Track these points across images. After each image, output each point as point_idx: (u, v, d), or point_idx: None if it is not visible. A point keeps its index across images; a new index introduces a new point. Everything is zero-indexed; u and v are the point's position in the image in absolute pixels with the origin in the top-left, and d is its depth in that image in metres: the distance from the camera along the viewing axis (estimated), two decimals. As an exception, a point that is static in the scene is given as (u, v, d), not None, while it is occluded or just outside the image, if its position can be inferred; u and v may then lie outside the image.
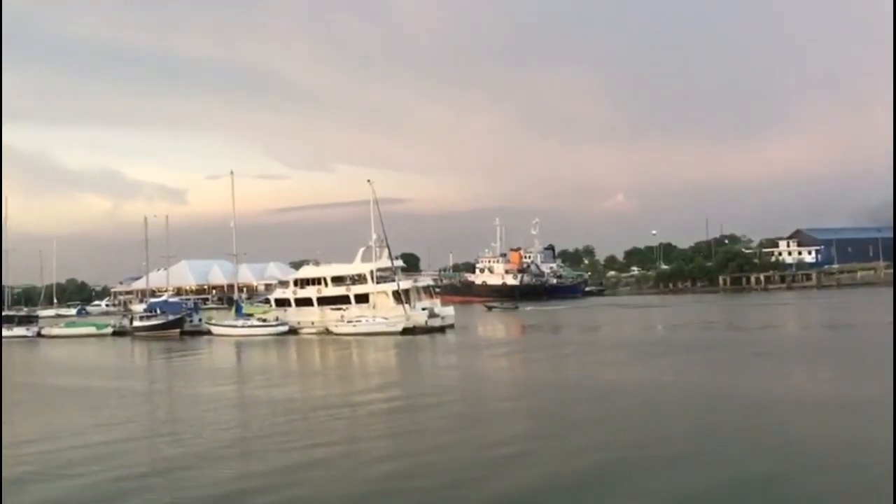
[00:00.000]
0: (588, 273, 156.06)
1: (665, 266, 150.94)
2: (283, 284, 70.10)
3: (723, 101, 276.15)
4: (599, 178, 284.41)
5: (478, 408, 23.11)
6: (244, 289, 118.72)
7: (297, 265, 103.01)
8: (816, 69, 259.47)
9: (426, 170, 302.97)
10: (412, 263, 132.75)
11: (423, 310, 58.49)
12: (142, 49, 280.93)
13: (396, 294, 59.19)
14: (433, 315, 58.14)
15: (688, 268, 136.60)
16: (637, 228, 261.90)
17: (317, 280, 64.18)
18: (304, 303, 63.24)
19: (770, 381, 25.54)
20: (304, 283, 64.79)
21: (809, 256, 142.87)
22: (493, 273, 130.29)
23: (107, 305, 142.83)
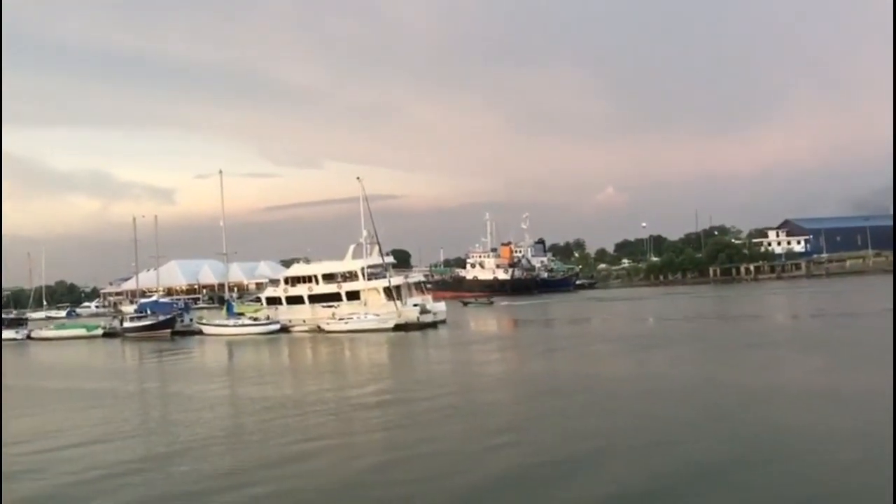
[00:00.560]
0: (579, 266, 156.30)
1: (655, 258, 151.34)
2: (274, 283, 69.94)
3: (711, 94, 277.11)
4: (589, 172, 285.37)
5: (468, 402, 23.15)
6: (235, 288, 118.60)
7: (288, 263, 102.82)
8: (803, 61, 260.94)
9: (416, 166, 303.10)
10: (403, 260, 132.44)
11: (415, 306, 58.47)
12: (130, 50, 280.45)
13: (388, 290, 59.15)
14: (425, 311, 58.10)
15: (678, 259, 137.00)
16: (627, 221, 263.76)
17: (308, 278, 64.08)
18: (296, 301, 63.15)
19: (760, 372, 25.72)
20: (295, 281, 64.68)
21: (798, 246, 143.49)
22: (485, 268, 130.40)
23: (97, 307, 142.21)
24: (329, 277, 63.14)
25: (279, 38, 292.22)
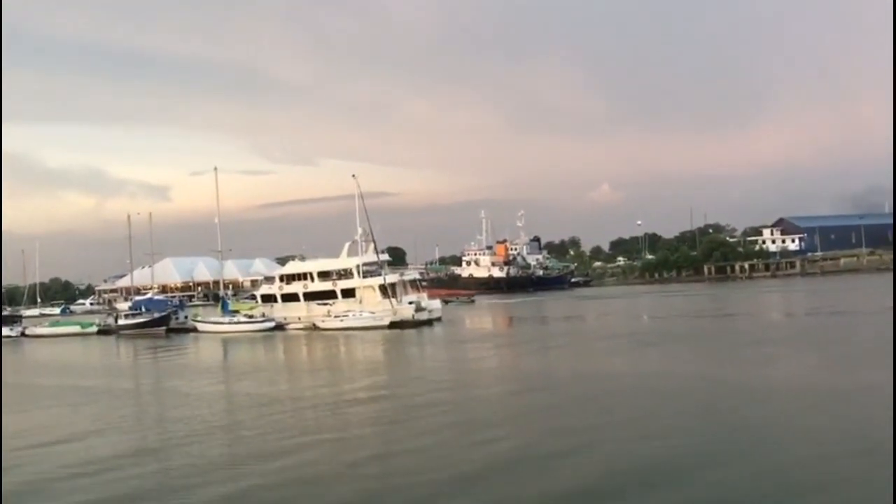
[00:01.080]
0: (574, 264, 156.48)
1: (650, 256, 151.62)
2: (269, 280, 69.78)
3: (707, 92, 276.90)
4: (585, 170, 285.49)
5: (462, 398, 23.21)
6: (230, 285, 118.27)
7: (283, 261, 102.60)
8: (799, 59, 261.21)
9: (412, 163, 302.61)
10: (398, 257, 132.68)
11: (410, 303, 58.49)
12: (124, 47, 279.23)
13: (383, 288, 59.19)
14: (420, 309, 58.15)
15: (673, 257, 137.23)
16: (622, 219, 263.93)
17: (303, 275, 64.08)
18: (291, 298, 63.12)
19: (753, 369, 25.88)
20: (290, 279, 64.66)
21: (793, 244, 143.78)
22: (480, 266, 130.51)
23: (91, 304, 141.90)
24: (324, 275, 63.14)
25: (274, 35, 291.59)
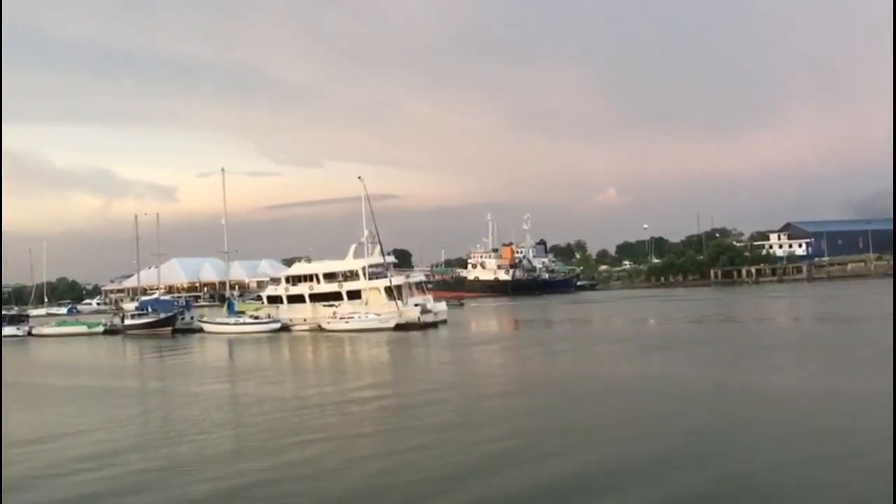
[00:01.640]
0: (580, 267, 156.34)
1: (656, 260, 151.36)
2: (275, 281, 69.95)
3: (713, 96, 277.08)
4: (591, 173, 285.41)
5: (469, 402, 23.20)
6: (236, 286, 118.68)
7: (289, 262, 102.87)
8: (806, 63, 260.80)
9: (418, 166, 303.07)
10: (404, 259, 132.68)
11: (416, 306, 58.52)
12: (132, 48, 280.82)
13: (388, 290, 59.20)
14: (425, 311, 58.15)
15: (679, 261, 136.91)
16: (628, 223, 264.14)
17: (309, 277, 64.13)
18: (297, 300, 63.20)
19: (759, 374, 25.78)
20: (296, 280, 64.73)
21: (800, 249, 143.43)
22: (486, 268, 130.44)
23: (98, 304, 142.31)
24: (330, 276, 63.19)
25: (278, 37, 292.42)
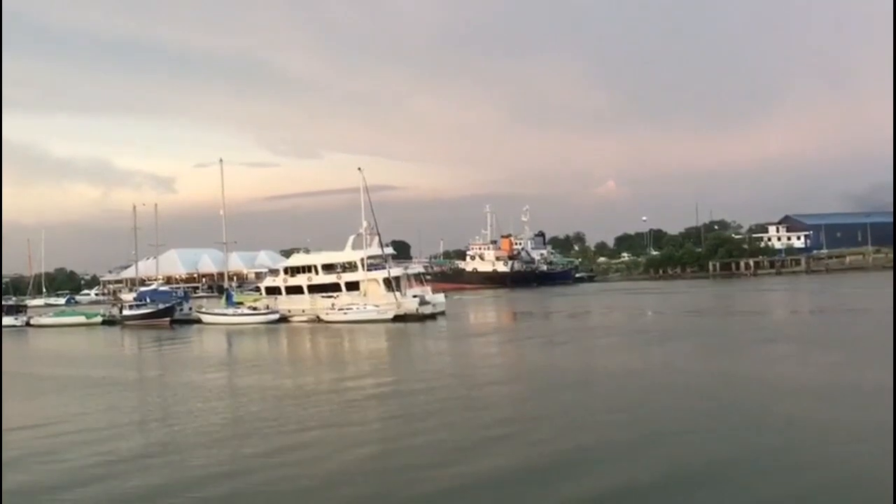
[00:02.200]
0: (578, 259, 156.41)
1: (655, 252, 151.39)
2: (274, 273, 69.96)
3: (712, 89, 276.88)
4: (590, 165, 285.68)
5: (464, 392, 23.21)
6: (234, 277, 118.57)
7: (288, 253, 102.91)
8: (805, 56, 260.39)
9: (417, 157, 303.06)
10: (403, 251, 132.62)
11: (414, 297, 58.53)
12: (130, 37, 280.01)
13: (387, 281, 59.19)
14: (424, 303, 58.19)
15: (678, 254, 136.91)
16: (627, 215, 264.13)
17: (307, 268, 64.11)
18: (295, 291, 63.21)
19: (757, 366, 25.83)
20: (295, 272, 64.72)
21: (798, 242, 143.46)
22: (484, 260, 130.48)
23: (96, 295, 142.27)
24: (329, 268, 63.21)
25: (280, 27, 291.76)
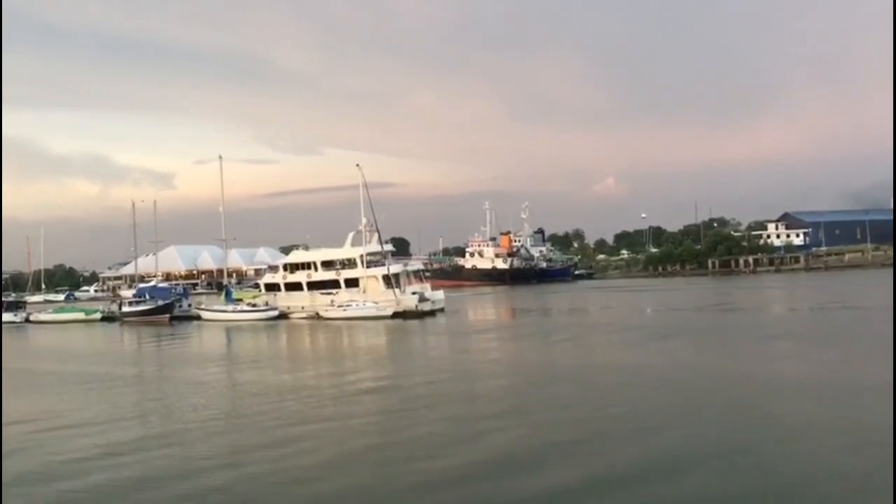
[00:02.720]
0: (578, 257, 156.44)
1: (654, 249, 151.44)
2: (273, 269, 70.02)
3: (712, 85, 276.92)
4: (590, 163, 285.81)
5: (463, 388, 23.26)
6: (233, 274, 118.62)
7: (287, 250, 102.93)
8: (804, 53, 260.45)
9: (416, 154, 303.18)
10: (402, 248, 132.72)
11: (414, 294, 58.57)
12: (130, 33, 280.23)
13: (386, 278, 59.22)
14: (423, 299, 58.24)
15: (677, 251, 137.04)
16: (627, 212, 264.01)
17: (306, 265, 64.19)
18: (294, 287, 63.28)
19: (754, 363, 25.87)
20: (294, 268, 64.80)
21: (798, 239, 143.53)
22: (483, 257, 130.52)
23: (95, 291, 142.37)
24: (328, 265, 63.25)
25: (279, 24, 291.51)
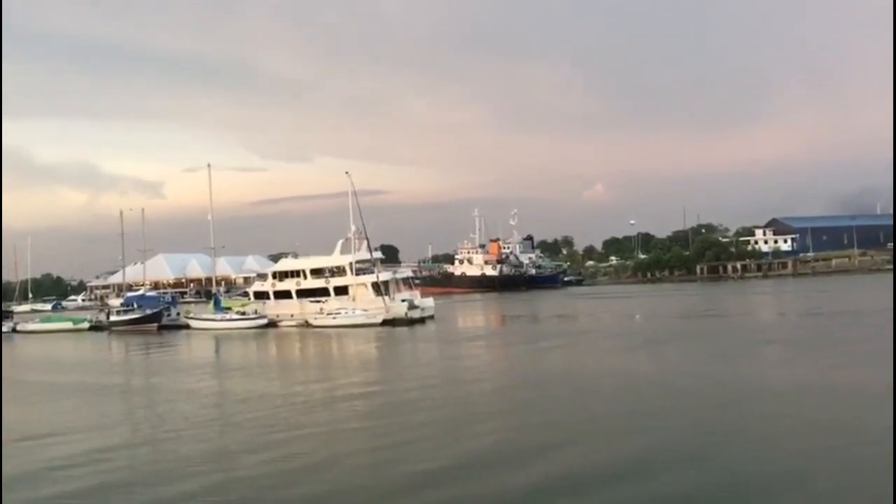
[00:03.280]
0: (567, 263, 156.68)
1: (643, 255, 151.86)
2: (262, 277, 69.86)
3: (702, 93, 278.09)
4: (579, 169, 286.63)
5: (450, 396, 23.27)
6: (222, 282, 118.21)
7: (276, 258, 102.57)
8: (792, 60, 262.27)
9: (406, 161, 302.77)
10: (391, 255, 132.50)
11: (403, 301, 58.53)
12: (117, 42, 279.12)
13: (376, 286, 59.17)
14: (413, 307, 58.21)
15: (665, 257, 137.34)
16: (616, 219, 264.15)
17: (296, 272, 64.07)
18: (283, 295, 63.14)
19: (741, 368, 26.02)
20: (283, 276, 64.67)
21: (785, 245, 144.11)
22: (473, 264, 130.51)
23: (83, 300, 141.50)
24: (317, 272, 63.13)
25: (269, 31, 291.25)
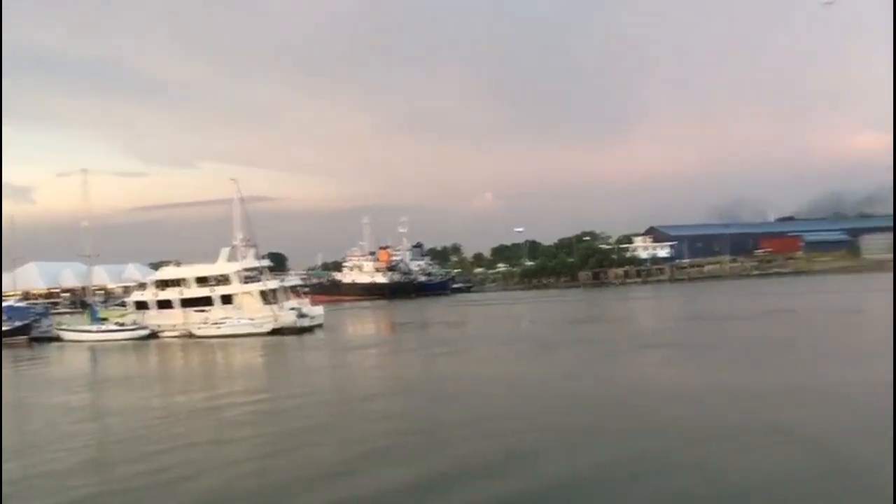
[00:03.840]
0: (456, 270, 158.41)
1: (530, 262, 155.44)
2: (143, 286, 67.31)
3: (586, 105, 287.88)
4: (468, 178, 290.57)
5: (340, 405, 23.24)
6: (101, 291, 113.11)
7: (158, 266, 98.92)
8: (673, 75, 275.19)
9: (295, 168, 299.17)
10: (279, 263, 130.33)
11: (292, 310, 57.78)
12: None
13: (263, 294, 58.16)
14: (302, 315, 57.54)
15: (551, 264, 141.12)
16: (504, 226, 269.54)
17: (179, 281, 62.10)
18: (166, 305, 61.10)
19: (610, 371, 27.12)
20: (165, 285, 62.56)
21: (663, 251, 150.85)
22: (362, 271, 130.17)
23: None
24: (202, 281, 61.43)
25: (155, 33, 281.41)
